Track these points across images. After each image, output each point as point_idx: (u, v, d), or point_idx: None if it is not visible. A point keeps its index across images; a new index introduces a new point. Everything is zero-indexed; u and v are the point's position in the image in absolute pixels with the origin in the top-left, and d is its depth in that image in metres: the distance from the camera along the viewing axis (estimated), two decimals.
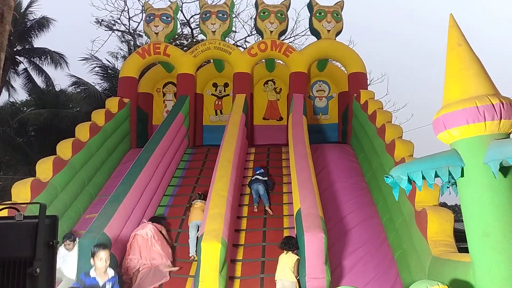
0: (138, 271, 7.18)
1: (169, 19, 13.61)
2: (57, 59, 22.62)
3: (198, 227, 7.87)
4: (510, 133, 4.28)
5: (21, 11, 22.16)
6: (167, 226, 8.54)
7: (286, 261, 6.66)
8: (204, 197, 8.54)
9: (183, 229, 8.62)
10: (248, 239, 8.24)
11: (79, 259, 6.56)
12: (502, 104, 4.13)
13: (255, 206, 9.11)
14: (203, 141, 13.97)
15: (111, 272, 5.68)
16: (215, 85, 14.76)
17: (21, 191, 8.04)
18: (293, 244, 6.77)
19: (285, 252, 6.75)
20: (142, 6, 19.78)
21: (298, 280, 6.54)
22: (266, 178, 9.40)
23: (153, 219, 8.08)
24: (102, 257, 5.65)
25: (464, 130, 4.25)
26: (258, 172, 9.52)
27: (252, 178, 9.39)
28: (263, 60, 13.97)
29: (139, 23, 23.31)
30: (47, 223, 2.68)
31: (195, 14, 23.39)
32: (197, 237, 7.60)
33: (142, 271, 7.20)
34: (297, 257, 6.68)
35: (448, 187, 4.64)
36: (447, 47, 4.66)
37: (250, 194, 9.41)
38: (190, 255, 7.81)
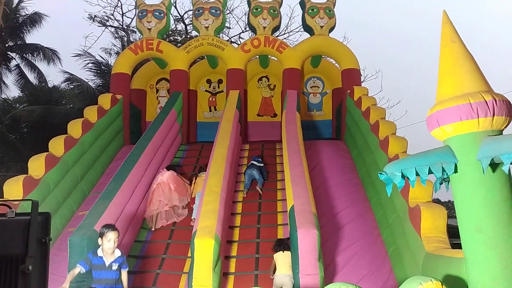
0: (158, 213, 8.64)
1: (162, 15, 13.56)
2: (49, 55, 22.47)
3: None
4: (503, 129, 4.30)
5: (13, 6, 21.99)
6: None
7: (285, 259, 6.77)
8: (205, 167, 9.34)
9: (176, 227, 8.65)
10: (242, 235, 8.25)
11: (70, 256, 6.51)
12: (495, 100, 4.15)
13: (245, 192, 9.47)
14: (197, 138, 13.94)
15: (118, 253, 5.61)
16: (209, 81, 14.73)
17: (13, 188, 8.00)
18: (287, 244, 6.92)
19: (282, 251, 6.85)
20: (135, 2, 19.67)
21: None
22: (261, 165, 9.80)
23: (169, 167, 9.51)
24: (111, 237, 5.54)
25: (457, 127, 4.26)
26: (254, 159, 9.94)
27: (248, 165, 9.84)
28: (257, 56, 13.95)
29: (132, 19, 23.22)
30: (40, 220, 2.67)
31: (189, 10, 23.34)
32: None
33: (161, 211, 8.67)
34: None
35: (441, 184, 4.66)
36: (440, 44, 4.67)
37: (244, 190, 9.53)
38: (192, 217, 8.60)
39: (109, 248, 5.55)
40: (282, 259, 6.80)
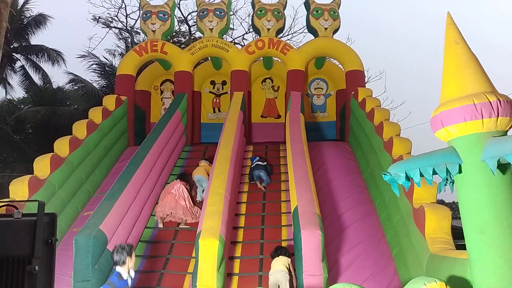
0: (164, 218, 8.76)
1: (166, 16, 13.61)
2: (54, 56, 22.55)
3: (199, 181, 9.58)
4: (507, 130, 4.28)
5: (18, 8, 22.08)
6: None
7: (278, 260, 6.76)
8: (209, 159, 9.85)
9: (181, 227, 8.66)
10: (246, 236, 8.26)
11: (75, 255, 6.53)
12: (500, 101, 4.13)
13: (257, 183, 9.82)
14: (201, 139, 13.97)
15: (132, 272, 5.56)
16: (213, 82, 14.76)
17: (19, 189, 8.05)
18: (283, 252, 6.88)
19: (277, 257, 6.84)
20: (140, 3, 19.69)
21: (295, 275, 6.63)
22: (265, 163, 10.03)
23: (180, 176, 9.41)
24: (134, 254, 5.58)
25: (462, 128, 4.25)
26: (255, 160, 10.05)
27: (252, 166, 9.93)
28: (261, 58, 13.97)
29: (136, 20, 23.25)
30: (46, 221, 2.68)
31: (192, 11, 23.37)
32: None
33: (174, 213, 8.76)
34: (289, 258, 6.80)
35: (446, 185, 4.65)
36: (444, 45, 4.66)
37: (248, 192, 9.63)
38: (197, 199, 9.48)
39: (132, 266, 5.52)
40: (275, 261, 6.80)
